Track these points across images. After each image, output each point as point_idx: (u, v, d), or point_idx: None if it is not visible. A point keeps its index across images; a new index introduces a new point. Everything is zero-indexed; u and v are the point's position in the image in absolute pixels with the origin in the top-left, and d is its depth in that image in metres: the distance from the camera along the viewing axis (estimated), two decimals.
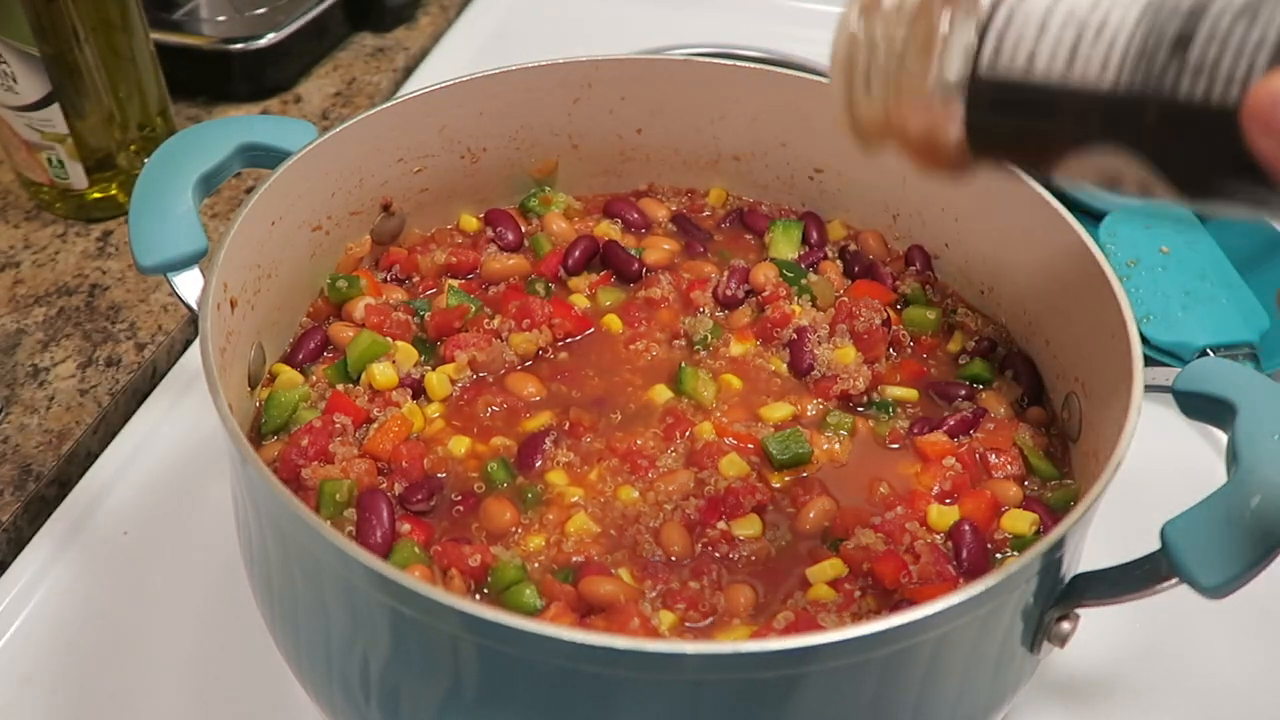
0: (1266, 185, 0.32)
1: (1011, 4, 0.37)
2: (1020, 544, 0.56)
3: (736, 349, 0.66)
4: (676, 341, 0.67)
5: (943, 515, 0.56)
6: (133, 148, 0.91)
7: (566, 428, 0.61)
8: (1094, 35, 0.35)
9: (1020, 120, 0.37)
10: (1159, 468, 0.64)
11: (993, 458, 0.59)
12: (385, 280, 0.70)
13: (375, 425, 0.59)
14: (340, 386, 0.62)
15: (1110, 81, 0.34)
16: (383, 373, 0.61)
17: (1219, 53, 0.33)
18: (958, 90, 0.38)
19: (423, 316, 0.66)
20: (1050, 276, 0.63)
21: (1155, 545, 0.47)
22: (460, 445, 0.59)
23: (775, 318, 0.66)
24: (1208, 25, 0.33)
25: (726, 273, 0.69)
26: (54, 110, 0.84)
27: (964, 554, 0.54)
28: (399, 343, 0.63)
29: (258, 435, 0.60)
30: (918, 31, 0.38)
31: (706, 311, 0.68)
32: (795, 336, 0.65)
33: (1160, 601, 0.49)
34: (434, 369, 0.63)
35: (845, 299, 0.67)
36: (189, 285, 0.58)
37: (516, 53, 0.74)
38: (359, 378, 0.62)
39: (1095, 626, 0.53)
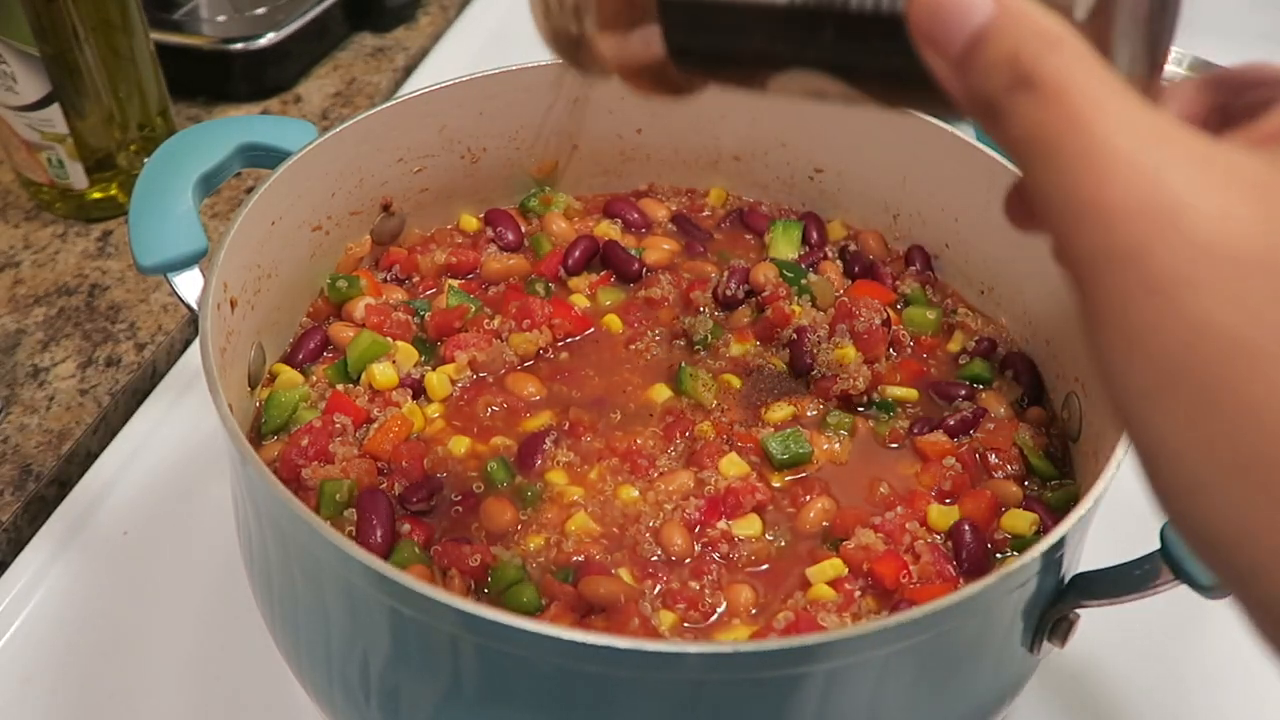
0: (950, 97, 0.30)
1: None
2: (1020, 544, 0.56)
3: (736, 349, 0.66)
4: (676, 341, 0.67)
5: (943, 515, 0.56)
6: (133, 148, 0.91)
7: (566, 428, 0.61)
8: None
9: (713, 41, 0.35)
10: None
11: (993, 458, 0.59)
12: (385, 280, 0.70)
13: (375, 425, 0.59)
14: (340, 386, 0.62)
15: None
16: (383, 373, 0.61)
17: None
18: (650, 14, 0.35)
19: (423, 316, 0.66)
20: (1050, 276, 0.63)
21: (1155, 545, 0.47)
22: (460, 445, 0.59)
23: (775, 318, 0.66)
24: None
25: (726, 273, 0.69)
26: (54, 110, 0.84)
27: (964, 554, 0.54)
28: (399, 343, 0.63)
29: (258, 435, 0.60)
30: None
31: (706, 311, 0.68)
32: (795, 336, 0.65)
33: (1160, 601, 0.49)
34: (434, 369, 0.63)
35: (845, 299, 0.67)
36: (189, 285, 0.58)
37: (516, 53, 0.74)
38: (359, 378, 0.62)
39: (1095, 626, 0.53)
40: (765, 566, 0.55)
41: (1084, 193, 0.27)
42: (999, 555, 0.56)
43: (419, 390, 0.62)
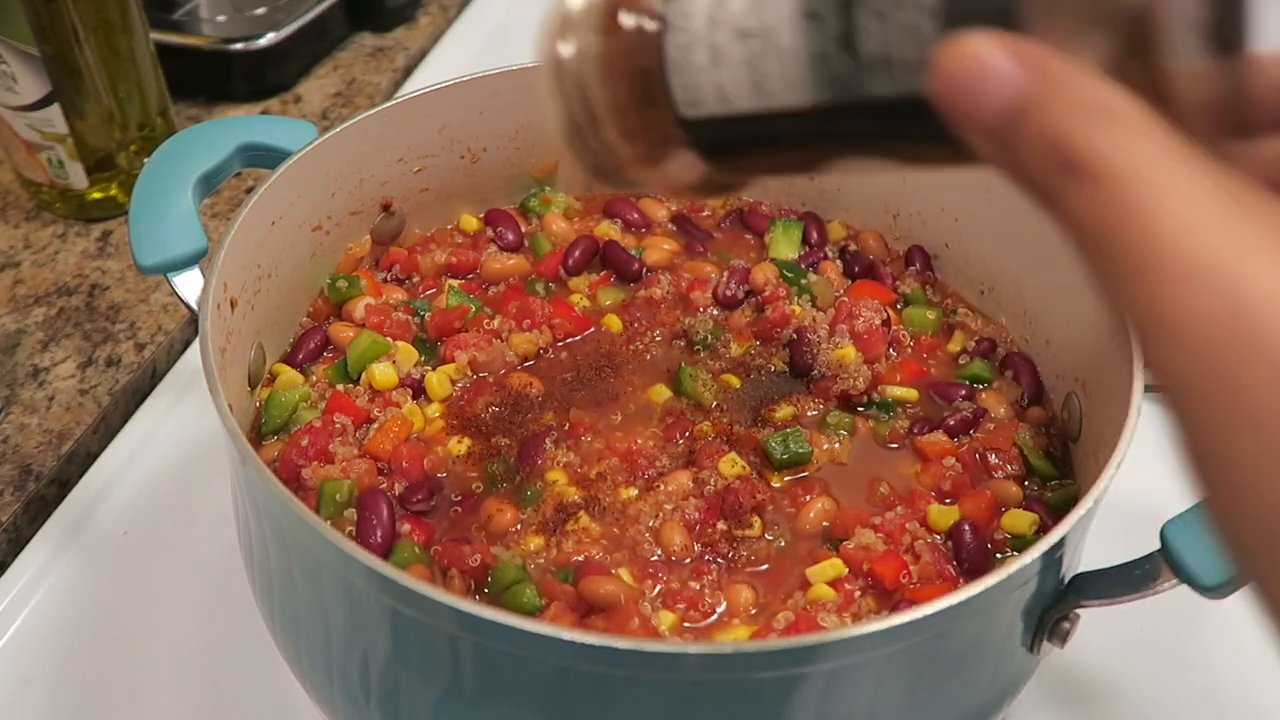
0: None
1: (674, 32, 0.32)
2: (1020, 544, 0.56)
3: (736, 349, 0.66)
4: (676, 341, 0.67)
5: (943, 515, 0.56)
6: (133, 148, 0.91)
7: (566, 428, 0.61)
8: (763, 51, 0.31)
9: (748, 148, 0.34)
10: (1159, 468, 0.64)
11: (993, 458, 0.59)
12: (385, 280, 0.70)
13: (375, 425, 0.59)
14: (340, 386, 0.62)
15: (805, 100, 0.31)
16: (383, 373, 0.61)
17: (884, 39, 0.28)
18: (673, 137, 0.34)
19: (423, 316, 0.66)
20: (1050, 276, 0.63)
21: (1155, 545, 0.47)
22: (460, 445, 0.59)
23: (775, 318, 0.66)
24: (862, 7, 0.29)
25: (726, 273, 0.69)
26: (54, 110, 0.84)
27: (964, 554, 0.54)
28: (399, 343, 0.63)
29: (258, 435, 0.60)
30: (610, 83, 0.34)
31: (706, 311, 0.68)
32: (795, 336, 0.65)
33: (1160, 601, 0.49)
34: (434, 369, 0.63)
35: (845, 299, 0.67)
36: (189, 285, 0.58)
37: (516, 53, 0.74)
38: (359, 378, 0.62)
39: (1095, 626, 0.53)
40: (765, 566, 0.55)
41: (1160, 308, 0.24)
42: (999, 555, 0.56)
43: (419, 390, 0.62)
